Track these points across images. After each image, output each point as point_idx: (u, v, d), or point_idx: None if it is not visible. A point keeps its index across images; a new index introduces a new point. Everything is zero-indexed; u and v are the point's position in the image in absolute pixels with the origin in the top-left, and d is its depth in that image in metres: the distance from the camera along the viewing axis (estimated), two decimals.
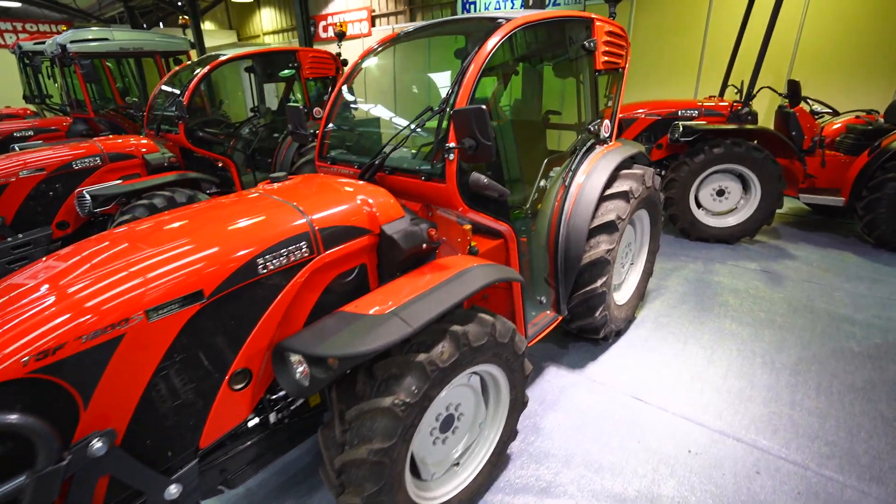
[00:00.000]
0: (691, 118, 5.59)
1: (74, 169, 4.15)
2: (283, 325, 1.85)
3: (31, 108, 9.59)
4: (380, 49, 2.98)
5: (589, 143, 3.12)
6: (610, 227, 2.91)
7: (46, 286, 1.46)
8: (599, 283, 2.92)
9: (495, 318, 2.02)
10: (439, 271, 2.01)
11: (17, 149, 4.90)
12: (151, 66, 7.71)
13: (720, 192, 5.09)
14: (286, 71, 5.63)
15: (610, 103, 3.35)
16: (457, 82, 2.19)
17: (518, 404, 2.26)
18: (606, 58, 3.03)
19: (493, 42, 2.26)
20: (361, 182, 2.30)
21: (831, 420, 2.66)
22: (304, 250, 1.84)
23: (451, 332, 1.82)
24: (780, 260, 4.75)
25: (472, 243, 2.35)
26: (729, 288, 4.20)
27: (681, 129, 5.11)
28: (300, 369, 1.67)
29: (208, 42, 14.38)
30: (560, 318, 3.03)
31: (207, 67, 4.76)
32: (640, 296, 3.74)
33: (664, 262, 4.76)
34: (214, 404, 1.67)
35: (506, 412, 2.24)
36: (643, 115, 5.71)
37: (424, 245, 2.12)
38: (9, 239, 3.84)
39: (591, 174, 2.96)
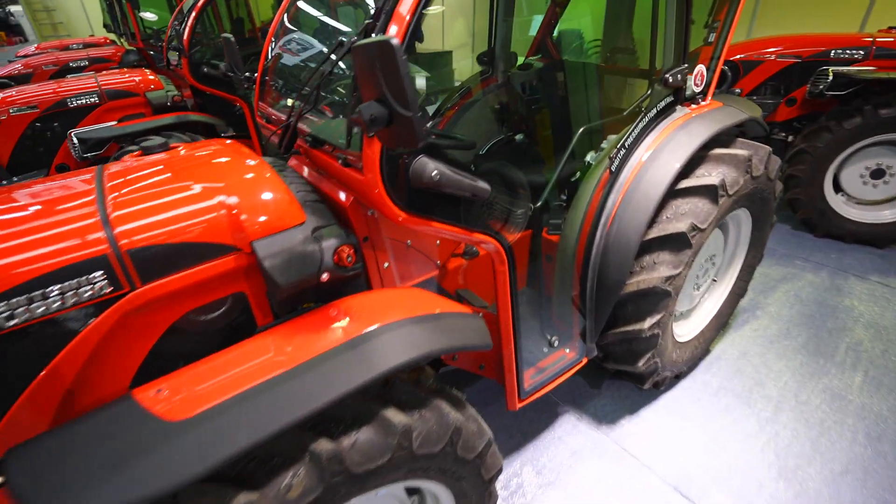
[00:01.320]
0: (850, 61, 3.89)
1: (70, 107, 3.79)
2: (86, 388, 1.20)
3: (111, 37, 9.74)
4: None
5: (664, 103, 1.99)
6: (677, 242, 1.86)
7: None
8: (648, 323, 1.93)
9: (441, 412, 1.23)
10: (329, 328, 1.22)
11: (68, 77, 4.76)
12: None
13: (877, 174, 3.54)
14: None
15: (711, 38, 2.14)
16: None
17: None
18: None
19: None
20: (256, 162, 1.50)
21: None
22: (99, 285, 1.13)
23: (313, 452, 1.05)
24: None
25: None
26: (866, 320, 2.89)
27: (830, 76, 3.54)
28: None
29: None
30: (584, 361, 2.12)
31: None
32: (722, 324, 2.64)
33: (768, 267, 3.48)
34: None
35: None
36: (773, 57, 4.10)
37: (326, 275, 1.31)
38: (3, 182, 3.62)
39: (659, 153, 1.88)
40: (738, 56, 4.18)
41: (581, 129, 2.24)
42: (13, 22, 17.58)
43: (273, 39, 2.03)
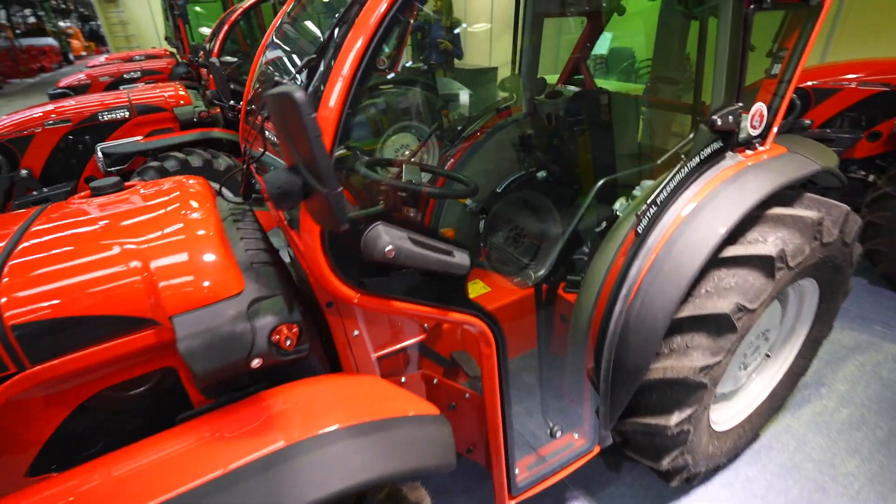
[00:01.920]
0: None
1: (101, 121, 3.83)
2: None
3: (172, 49, 10.21)
4: None
5: (711, 149, 1.63)
6: (718, 325, 1.50)
7: None
8: (676, 419, 1.57)
9: None
10: (248, 432, 0.98)
11: (121, 89, 4.93)
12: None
13: None
14: None
15: (776, 69, 1.76)
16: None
17: None
18: None
19: None
20: (202, 213, 1.29)
21: None
22: None
23: None
24: None
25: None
26: None
27: None
28: None
29: None
30: (596, 450, 1.77)
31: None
32: (776, 407, 2.20)
33: (839, 331, 2.95)
34: None
35: None
36: (854, 85, 3.56)
37: (258, 361, 1.07)
38: (33, 193, 3.70)
39: (700, 212, 1.53)
40: (810, 82, 3.67)
41: (608, 173, 1.92)
42: (102, 34, 19.08)
43: (260, 63, 1.85)
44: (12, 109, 4.89)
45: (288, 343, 1.12)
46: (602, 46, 6.55)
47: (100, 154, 3.55)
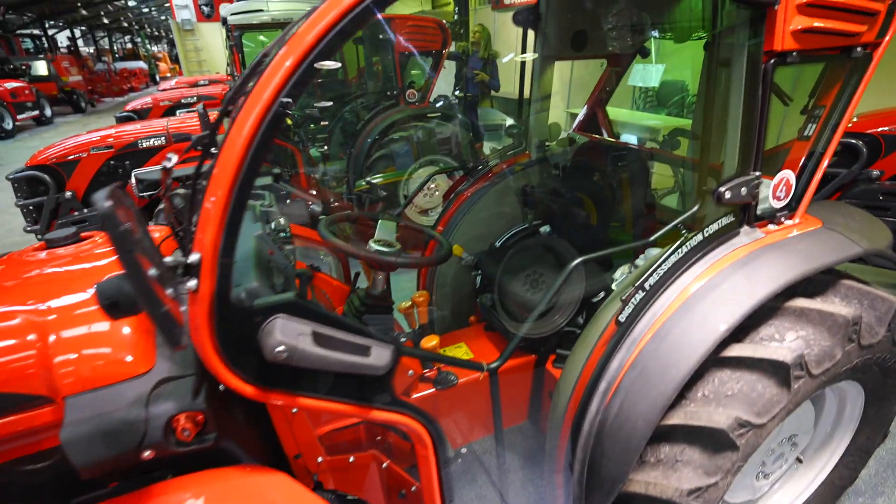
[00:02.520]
0: None
1: (140, 148, 4.04)
2: None
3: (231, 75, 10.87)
4: None
5: (718, 225, 1.38)
6: (713, 441, 1.24)
7: None
8: None
9: None
10: None
11: (178, 114, 5.27)
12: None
13: None
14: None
15: (810, 130, 1.50)
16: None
17: None
18: (814, 20, 1.24)
19: None
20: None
21: None
22: None
23: None
24: None
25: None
26: None
27: None
28: None
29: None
30: None
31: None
32: None
33: None
34: None
35: None
36: None
37: (149, 452, 0.97)
38: (75, 213, 3.93)
39: (698, 301, 1.28)
40: (880, 129, 3.23)
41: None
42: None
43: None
44: (103, 125, 5.31)
45: (186, 434, 1.00)
46: (653, 79, 6.24)
47: (133, 180, 3.71)
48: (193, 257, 0.86)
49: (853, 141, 3.12)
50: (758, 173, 1.36)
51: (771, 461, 1.62)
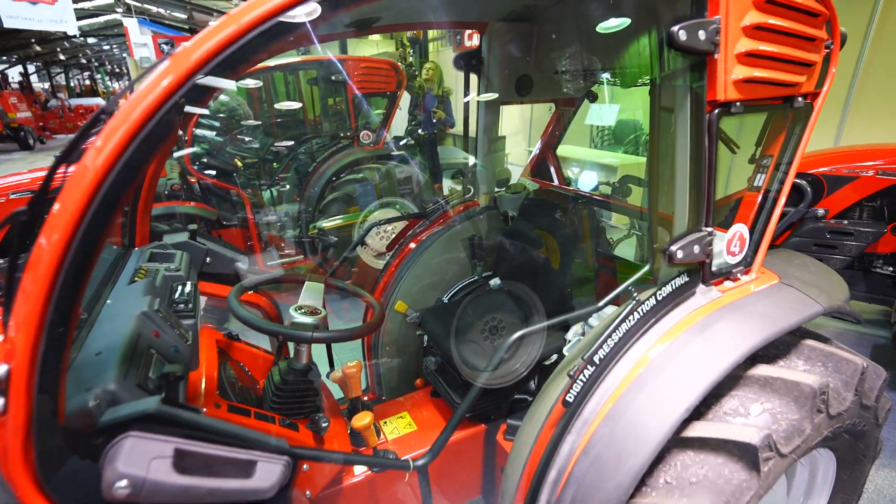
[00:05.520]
0: None
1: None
2: None
3: None
4: None
5: (672, 286, 1.26)
6: None
7: None
8: None
9: None
10: None
11: None
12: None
13: None
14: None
15: (760, 181, 1.43)
16: None
17: None
18: (754, 70, 1.17)
19: None
20: None
21: None
22: None
23: None
24: None
25: None
26: None
27: None
28: None
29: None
30: None
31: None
32: None
33: (880, 468, 2.39)
34: None
35: None
36: (872, 173, 3.18)
37: None
38: None
39: (655, 373, 1.14)
40: (822, 169, 3.32)
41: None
42: None
43: None
44: (46, 164, 4.91)
45: None
46: (609, 118, 6.41)
47: None
48: (0, 369, 0.65)
49: (798, 181, 3.18)
50: (710, 228, 1.26)
51: None
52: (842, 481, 1.56)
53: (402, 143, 5.34)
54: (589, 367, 1.14)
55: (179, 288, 1.40)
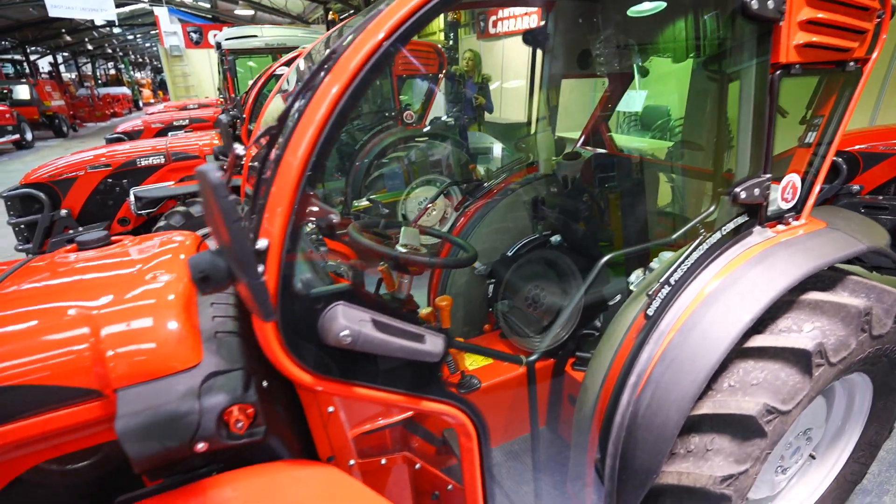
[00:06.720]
0: None
1: (139, 166, 4.03)
2: None
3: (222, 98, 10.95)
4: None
5: (734, 224, 1.47)
6: (743, 428, 1.28)
7: None
8: None
9: None
10: None
11: (169, 136, 5.29)
12: None
13: None
14: None
15: (810, 138, 1.61)
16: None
17: None
18: (813, 36, 1.36)
19: None
20: (175, 273, 1.23)
21: None
22: None
23: None
24: None
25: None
26: None
27: None
28: None
29: None
30: None
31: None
32: None
33: None
34: None
35: None
36: None
37: (203, 444, 0.96)
38: (69, 232, 3.86)
39: (721, 295, 1.35)
40: (857, 147, 3.44)
41: (625, 243, 1.78)
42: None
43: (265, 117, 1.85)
44: (86, 148, 5.29)
45: (239, 426, 1.00)
46: (636, 103, 6.52)
47: (132, 197, 3.69)
48: (261, 243, 0.89)
49: (834, 158, 3.31)
50: (769, 175, 1.45)
51: (788, 455, 1.67)
52: (877, 410, 1.75)
53: (437, 124, 5.54)
54: (665, 287, 1.36)
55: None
